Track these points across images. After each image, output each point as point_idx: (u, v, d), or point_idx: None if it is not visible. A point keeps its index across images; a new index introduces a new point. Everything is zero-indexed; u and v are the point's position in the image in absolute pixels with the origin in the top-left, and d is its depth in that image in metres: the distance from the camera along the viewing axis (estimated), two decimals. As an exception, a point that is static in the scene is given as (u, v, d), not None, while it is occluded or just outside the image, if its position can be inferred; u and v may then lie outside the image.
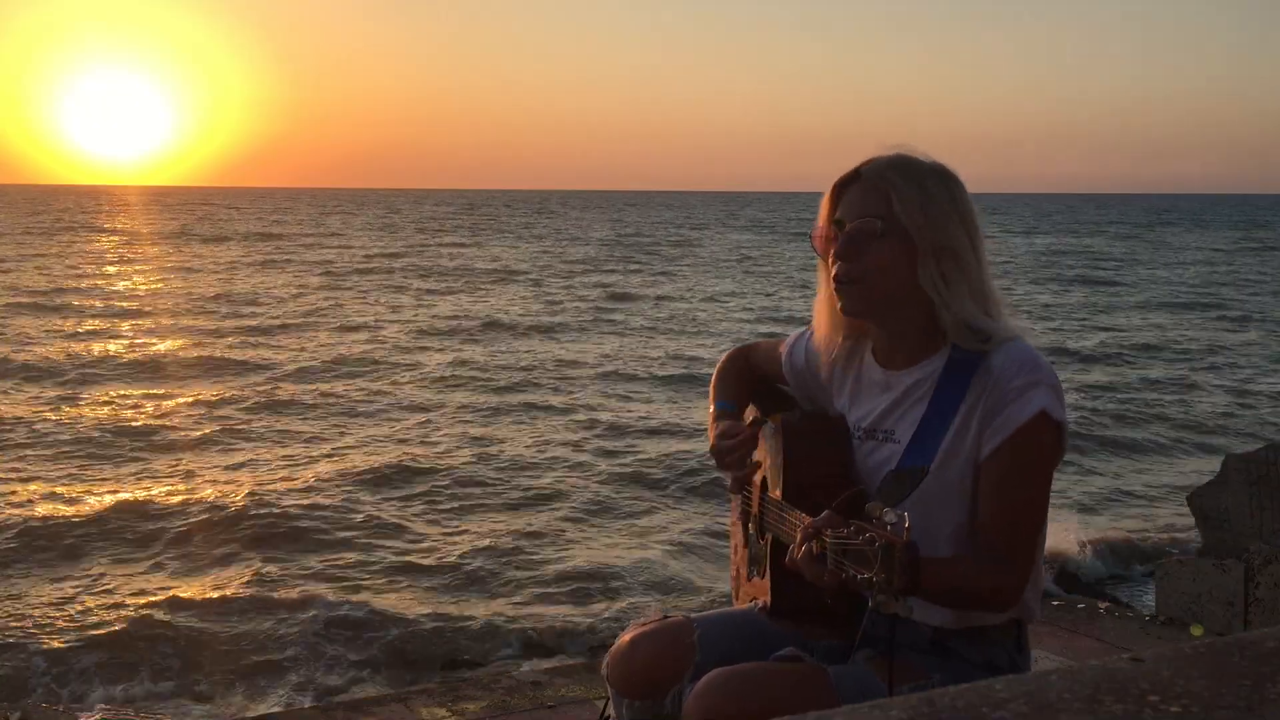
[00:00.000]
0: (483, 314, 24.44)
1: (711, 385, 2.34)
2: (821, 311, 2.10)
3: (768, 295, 31.07)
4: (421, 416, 13.79)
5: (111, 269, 36.66)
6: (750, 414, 2.29)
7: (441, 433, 12.82)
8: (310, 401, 14.33)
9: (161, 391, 14.87)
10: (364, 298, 28.21)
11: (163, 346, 19.27)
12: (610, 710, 2.16)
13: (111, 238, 56.83)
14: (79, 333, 20.97)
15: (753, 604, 2.16)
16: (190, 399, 14.41)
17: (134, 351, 18.55)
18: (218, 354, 18.27)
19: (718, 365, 2.37)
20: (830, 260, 2.00)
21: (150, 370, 16.70)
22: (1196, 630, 4.70)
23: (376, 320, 23.12)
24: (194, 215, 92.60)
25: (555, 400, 15.06)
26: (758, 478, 2.16)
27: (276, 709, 5.65)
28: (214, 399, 14.42)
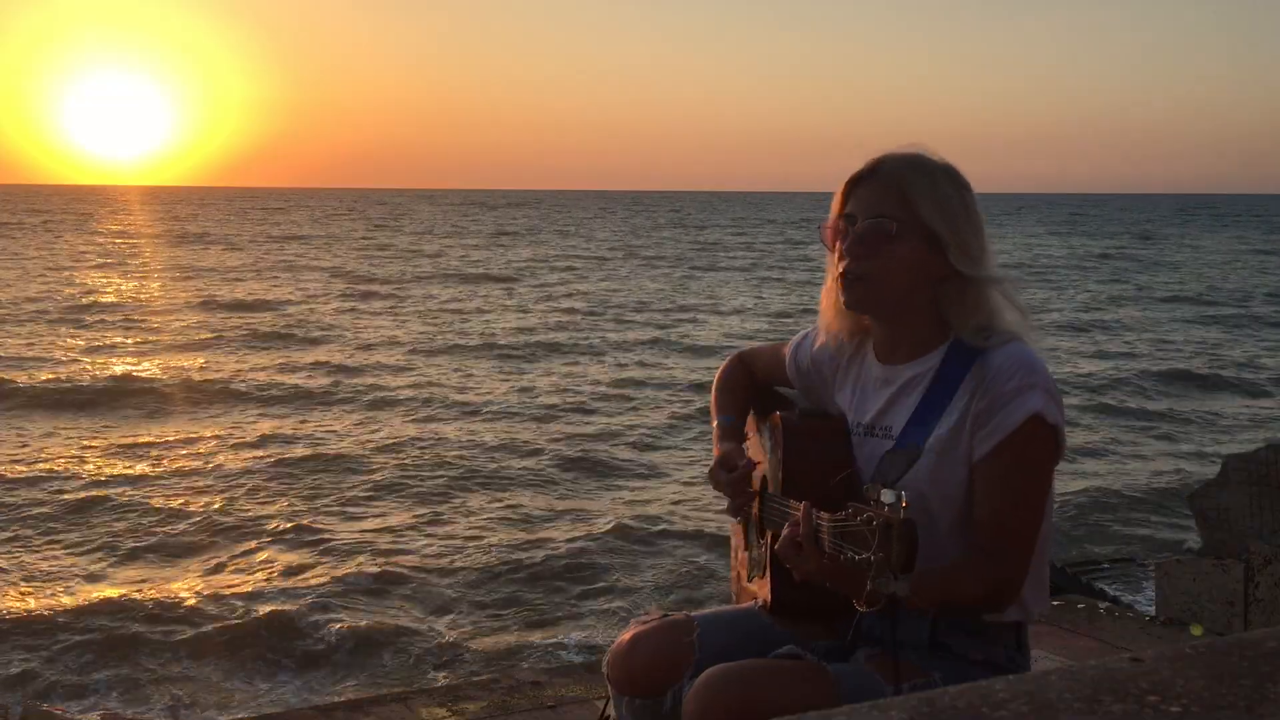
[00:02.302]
0: (495, 326, 23.56)
1: (713, 395, 2.34)
2: (828, 303, 2.10)
3: (782, 297, 30.85)
4: (427, 428, 13.74)
5: (110, 273, 36.22)
6: (751, 428, 2.29)
7: (445, 444, 12.75)
8: (323, 431, 13.28)
9: (171, 426, 13.32)
10: (371, 307, 27.11)
11: (164, 361, 18.06)
12: (610, 709, 2.16)
13: (111, 239, 56.68)
14: (77, 345, 19.65)
15: (753, 603, 2.16)
16: (195, 426, 13.58)
17: (135, 370, 17.18)
18: (220, 371, 17.33)
19: (718, 373, 2.37)
20: (839, 254, 2.00)
21: (157, 396, 14.99)
22: (1196, 630, 4.69)
23: (386, 337, 21.78)
24: (194, 215, 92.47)
25: (558, 407, 15.04)
26: (757, 476, 2.16)
27: (276, 709, 5.65)
28: (214, 415, 14.25)
